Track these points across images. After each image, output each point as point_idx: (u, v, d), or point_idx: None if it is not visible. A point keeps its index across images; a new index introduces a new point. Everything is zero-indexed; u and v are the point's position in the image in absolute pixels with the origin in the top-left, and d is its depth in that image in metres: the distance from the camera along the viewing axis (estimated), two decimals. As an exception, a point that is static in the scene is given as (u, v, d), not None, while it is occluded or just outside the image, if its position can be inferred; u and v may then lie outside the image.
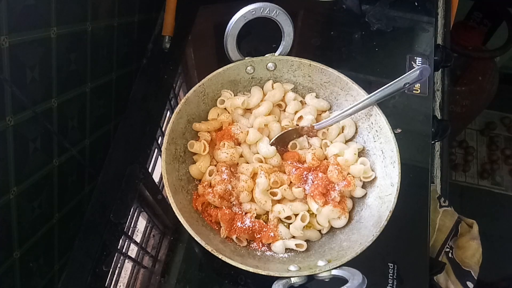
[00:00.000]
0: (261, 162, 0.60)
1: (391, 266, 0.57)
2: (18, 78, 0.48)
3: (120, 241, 0.63)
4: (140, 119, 0.75)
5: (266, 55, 0.64)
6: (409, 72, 0.55)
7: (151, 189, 0.68)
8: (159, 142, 0.73)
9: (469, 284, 0.70)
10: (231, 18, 0.58)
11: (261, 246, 0.57)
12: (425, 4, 0.84)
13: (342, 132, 0.63)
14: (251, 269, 0.48)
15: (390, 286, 0.56)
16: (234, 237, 0.56)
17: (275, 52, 0.63)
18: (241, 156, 0.61)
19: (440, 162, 0.85)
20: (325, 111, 0.65)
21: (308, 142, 0.63)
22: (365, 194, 0.58)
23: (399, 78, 0.55)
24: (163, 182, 0.53)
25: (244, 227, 0.56)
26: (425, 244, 0.60)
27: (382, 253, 0.58)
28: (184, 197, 0.57)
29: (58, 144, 0.58)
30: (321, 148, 0.62)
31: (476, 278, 0.71)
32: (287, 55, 0.63)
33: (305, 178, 0.58)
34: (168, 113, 0.76)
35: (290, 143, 0.62)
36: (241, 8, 0.57)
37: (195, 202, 0.57)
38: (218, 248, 0.50)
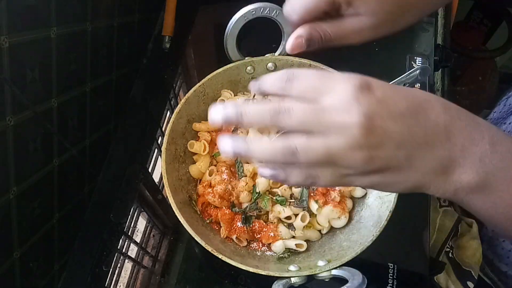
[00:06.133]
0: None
1: (391, 266, 0.57)
2: (18, 78, 0.48)
3: (120, 241, 0.63)
4: (140, 119, 0.75)
5: (266, 55, 0.64)
6: (409, 72, 0.55)
7: (151, 189, 0.68)
8: (159, 142, 0.73)
9: (470, 284, 0.70)
10: (231, 18, 0.58)
11: (261, 246, 0.57)
12: (425, 4, 0.84)
13: (342, 132, 0.63)
14: (251, 269, 0.48)
15: (390, 286, 0.56)
16: (234, 237, 0.56)
17: (275, 52, 0.63)
18: (241, 156, 0.61)
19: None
20: (325, 111, 0.65)
21: (308, 142, 0.62)
22: (365, 194, 0.58)
23: (399, 78, 0.55)
24: (163, 182, 0.53)
25: (244, 227, 0.56)
26: (425, 244, 0.60)
27: (382, 253, 0.58)
28: (184, 197, 0.57)
29: (58, 144, 0.58)
30: (321, 148, 0.62)
31: (476, 278, 0.71)
32: (287, 55, 0.63)
33: (305, 178, 0.58)
34: (168, 113, 0.76)
35: (290, 143, 0.62)
36: (241, 8, 0.57)
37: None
38: (218, 248, 0.50)
